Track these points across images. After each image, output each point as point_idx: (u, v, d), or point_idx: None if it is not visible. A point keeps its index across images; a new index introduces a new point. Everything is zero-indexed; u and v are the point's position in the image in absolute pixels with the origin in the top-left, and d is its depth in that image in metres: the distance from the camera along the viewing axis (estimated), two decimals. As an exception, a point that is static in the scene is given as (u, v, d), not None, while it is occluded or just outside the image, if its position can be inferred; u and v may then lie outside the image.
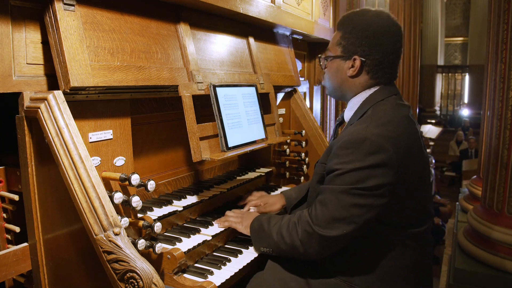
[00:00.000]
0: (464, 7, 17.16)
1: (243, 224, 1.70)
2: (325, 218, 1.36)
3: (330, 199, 1.36)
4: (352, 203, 1.32)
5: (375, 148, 1.30)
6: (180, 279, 1.43)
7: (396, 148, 1.32)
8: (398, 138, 1.35)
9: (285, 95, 2.70)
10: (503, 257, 2.74)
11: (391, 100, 1.48)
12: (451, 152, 10.21)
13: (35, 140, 1.32)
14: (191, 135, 1.66)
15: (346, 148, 1.35)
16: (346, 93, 1.58)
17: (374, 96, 1.50)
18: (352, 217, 1.32)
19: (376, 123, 1.38)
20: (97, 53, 1.40)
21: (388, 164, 1.30)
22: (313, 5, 2.89)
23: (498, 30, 2.91)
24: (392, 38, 1.47)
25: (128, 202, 1.36)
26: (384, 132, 1.34)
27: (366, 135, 1.33)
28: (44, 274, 1.40)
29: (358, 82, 1.52)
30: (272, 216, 1.62)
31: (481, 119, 4.05)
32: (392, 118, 1.40)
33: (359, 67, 1.49)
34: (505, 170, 2.83)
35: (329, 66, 1.60)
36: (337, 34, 1.56)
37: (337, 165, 1.36)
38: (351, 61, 1.50)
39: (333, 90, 1.63)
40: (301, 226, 1.42)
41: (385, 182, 1.31)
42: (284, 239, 1.47)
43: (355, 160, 1.32)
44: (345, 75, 1.53)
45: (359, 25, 1.48)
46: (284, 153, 2.56)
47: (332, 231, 1.34)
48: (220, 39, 2.06)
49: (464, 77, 15.87)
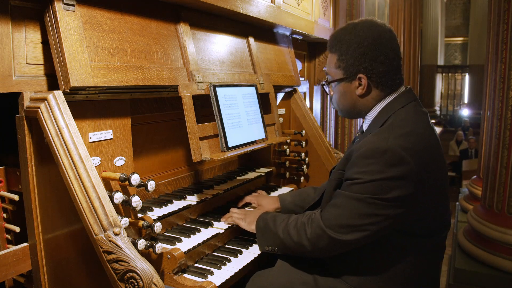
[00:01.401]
0: (464, 7, 17.16)
1: (246, 220, 1.72)
2: (337, 223, 1.35)
3: (345, 205, 1.35)
4: (367, 212, 1.31)
5: (397, 160, 1.28)
6: (180, 279, 1.43)
7: (417, 161, 1.29)
8: (420, 150, 1.32)
9: (285, 95, 2.70)
10: (503, 257, 2.74)
11: (411, 108, 1.44)
12: (451, 152, 10.20)
13: (35, 140, 1.32)
14: (191, 135, 1.66)
15: (367, 157, 1.32)
16: (361, 111, 1.54)
17: (392, 104, 1.46)
18: (366, 225, 1.32)
19: (398, 133, 1.34)
20: (97, 53, 1.40)
21: (408, 177, 1.28)
22: (313, 5, 2.88)
23: (498, 30, 2.91)
24: (389, 44, 1.44)
25: (128, 202, 1.36)
26: (406, 143, 1.31)
27: (388, 146, 1.30)
28: (44, 274, 1.40)
29: (371, 97, 1.49)
30: (277, 215, 1.62)
31: (481, 119, 4.05)
32: (413, 128, 1.36)
33: (367, 84, 1.46)
34: (505, 170, 2.83)
35: (335, 91, 1.56)
36: (332, 57, 1.52)
37: (356, 174, 1.34)
38: (356, 81, 1.47)
39: (346, 112, 1.59)
40: (311, 227, 1.42)
41: (404, 194, 1.29)
42: (291, 237, 1.47)
43: (375, 171, 1.30)
44: (355, 95, 1.50)
45: (353, 43, 1.44)
46: (284, 153, 2.56)
47: (344, 236, 1.34)
48: (220, 39, 2.06)
49: (464, 77, 15.86)
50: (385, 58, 1.43)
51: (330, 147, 2.61)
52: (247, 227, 1.71)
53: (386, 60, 1.43)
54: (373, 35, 1.43)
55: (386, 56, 1.43)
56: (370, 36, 1.43)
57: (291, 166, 2.60)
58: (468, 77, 15.55)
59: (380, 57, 1.42)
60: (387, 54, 1.43)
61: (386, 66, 1.44)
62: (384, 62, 1.43)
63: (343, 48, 1.47)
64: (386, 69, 1.44)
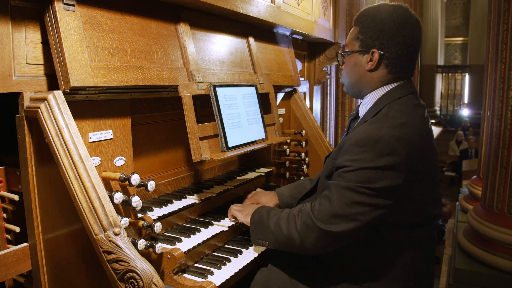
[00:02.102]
0: (464, 7, 17.17)
1: (243, 213, 1.73)
2: (327, 213, 1.34)
3: (335, 194, 1.35)
4: (357, 201, 1.31)
5: (389, 150, 1.29)
6: (180, 279, 1.43)
7: (409, 152, 1.30)
8: (412, 142, 1.33)
9: (285, 95, 2.70)
10: (503, 257, 2.74)
11: (407, 100, 1.46)
12: (451, 152, 10.21)
13: (35, 140, 1.32)
14: (191, 135, 1.66)
15: (359, 146, 1.33)
16: (363, 89, 1.56)
17: (390, 93, 1.48)
18: (355, 215, 1.31)
19: (391, 123, 1.35)
20: (97, 53, 1.40)
21: (399, 167, 1.29)
22: (313, 5, 2.88)
23: (498, 30, 2.91)
24: (410, 30, 1.45)
25: (128, 202, 1.36)
26: (399, 134, 1.32)
27: (381, 135, 1.31)
28: (44, 274, 1.40)
29: (376, 76, 1.50)
30: (273, 209, 1.62)
31: (481, 119, 4.05)
32: (408, 119, 1.38)
33: (378, 60, 1.47)
34: (505, 170, 2.84)
35: (347, 62, 1.58)
36: (354, 29, 1.55)
37: (347, 161, 1.34)
38: (369, 55, 1.49)
39: (350, 86, 1.61)
40: (301, 218, 1.41)
41: (394, 184, 1.30)
42: (282, 230, 1.46)
43: (367, 159, 1.30)
44: (363, 69, 1.51)
45: (376, 19, 1.47)
46: (284, 153, 2.56)
47: (334, 227, 1.33)
48: (220, 39, 2.06)
49: (464, 77, 15.87)
50: (402, 41, 1.44)
51: (330, 147, 2.61)
52: (243, 219, 1.72)
53: (402, 43, 1.45)
54: (398, 17, 1.46)
55: (403, 39, 1.44)
56: (395, 17, 1.45)
57: (291, 166, 2.60)
58: (468, 77, 15.55)
59: (398, 39, 1.44)
60: (405, 38, 1.45)
61: (401, 49, 1.45)
62: (399, 44, 1.45)
63: (366, 21, 1.50)
64: (400, 52, 1.45)
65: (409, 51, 1.46)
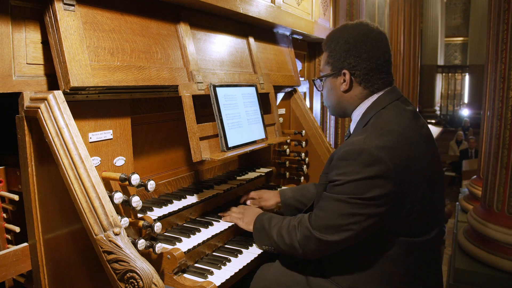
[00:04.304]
0: (464, 7, 17.17)
1: (244, 220, 1.78)
2: (323, 224, 1.39)
3: (328, 206, 1.39)
4: (349, 212, 1.34)
5: (372, 160, 1.30)
6: (180, 279, 1.43)
7: (394, 159, 1.31)
8: (397, 148, 1.33)
9: (285, 95, 2.70)
10: (503, 257, 2.74)
11: (393, 107, 1.47)
12: (451, 152, 10.20)
13: (35, 140, 1.32)
14: (191, 135, 1.66)
15: (345, 159, 1.36)
16: (346, 109, 1.59)
17: (374, 105, 1.49)
18: (349, 225, 1.35)
19: (376, 133, 1.37)
20: (97, 53, 1.40)
21: (386, 175, 1.30)
22: (313, 5, 2.89)
23: (498, 30, 2.91)
24: (373, 44, 1.48)
25: (128, 202, 1.36)
26: (381, 143, 1.33)
27: (364, 147, 1.32)
28: (44, 274, 1.40)
29: (354, 94, 1.53)
30: (273, 216, 1.66)
31: (481, 119, 4.05)
32: (392, 127, 1.38)
33: (349, 80, 1.51)
34: (505, 170, 2.83)
35: (324, 86, 1.63)
36: (324, 55, 1.60)
37: (336, 176, 1.38)
38: (341, 76, 1.53)
39: (333, 109, 1.65)
40: (300, 230, 1.46)
41: (383, 193, 1.31)
42: (284, 240, 1.52)
43: (352, 172, 1.33)
44: (339, 91, 1.55)
45: (340, 40, 1.51)
46: (284, 153, 2.56)
47: (329, 236, 1.38)
48: (220, 39, 2.06)
49: (464, 77, 15.88)
50: (369, 56, 1.47)
51: (330, 147, 2.61)
52: (245, 227, 1.77)
53: (369, 58, 1.47)
54: (359, 33, 1.49)
55: (370, 54, 1.47)
56: (356, 34, 1.49)
57: (291, 166, 2.60)
58: (468, 77, 15.56)
59: (364, 55, 1.47)
60: (371, 52, 1.47)
61: (370, 64, 1.48)
62: (367, 60, 1.47)
63: (332, 45, 1.55)
64: (369, 67, 1.48)
65: (378, 64, 1.48)
